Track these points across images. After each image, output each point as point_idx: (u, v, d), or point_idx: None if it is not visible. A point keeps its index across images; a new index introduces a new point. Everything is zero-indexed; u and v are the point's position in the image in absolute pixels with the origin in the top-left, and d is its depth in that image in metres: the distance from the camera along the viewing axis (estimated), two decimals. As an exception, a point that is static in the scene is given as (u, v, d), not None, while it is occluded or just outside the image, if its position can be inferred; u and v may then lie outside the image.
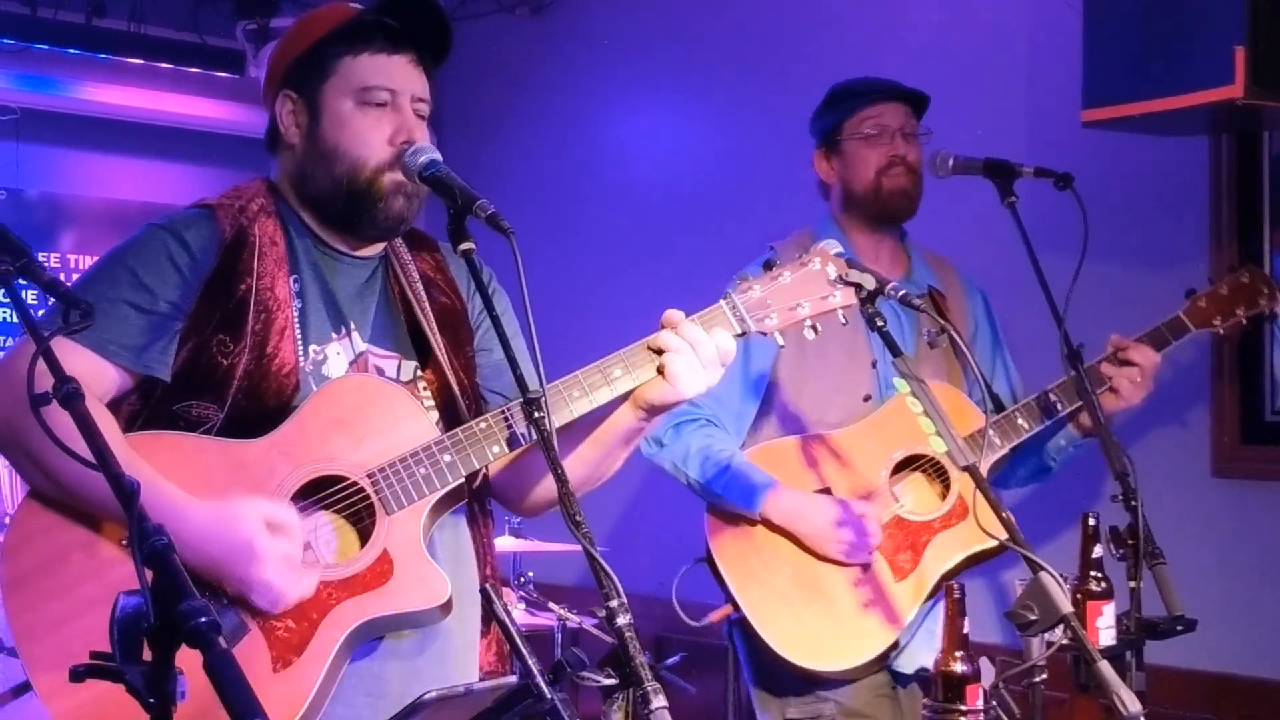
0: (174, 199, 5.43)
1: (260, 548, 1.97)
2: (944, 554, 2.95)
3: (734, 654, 3.18)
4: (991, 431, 2.93)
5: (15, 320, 5.29)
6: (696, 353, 2.08)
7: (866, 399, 3.10)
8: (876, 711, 3.03)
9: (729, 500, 3.01)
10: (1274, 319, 3.26)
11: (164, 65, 5.54)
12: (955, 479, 2.98)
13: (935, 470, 3.04)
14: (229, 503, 2.00)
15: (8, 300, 5.59)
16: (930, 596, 2.96)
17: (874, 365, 3.11)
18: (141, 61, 5.50)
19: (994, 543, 2.90)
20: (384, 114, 2.17)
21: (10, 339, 5.57)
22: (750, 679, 3.13)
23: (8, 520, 5.44)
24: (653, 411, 2.14)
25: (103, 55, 5.42)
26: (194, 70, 5.61)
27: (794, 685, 3.03)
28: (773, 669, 3.01)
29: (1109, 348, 3.02)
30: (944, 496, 3.00)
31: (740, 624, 3.01)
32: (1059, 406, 3.00)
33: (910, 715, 3.09)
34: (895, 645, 2.97)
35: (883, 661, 2.99)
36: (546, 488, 2.25)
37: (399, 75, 2.19)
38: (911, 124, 3.20)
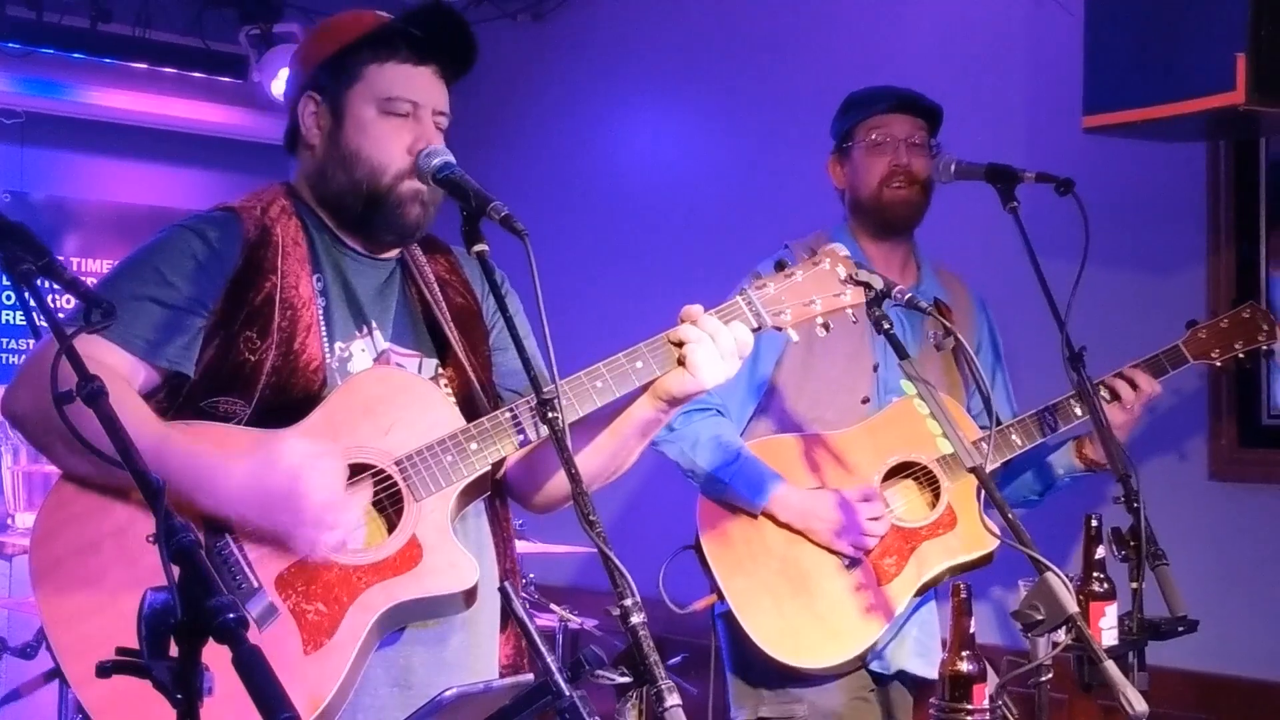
0: (178, 203, 5.45)
1: (306, 476, 1.98)
2: (929, 561, 2.97)
3: (716, 646, 3.18)
4: (984, 444, 2.94)
5: (23, 323, 5.29)
6: (716, 343, 2.12)
7: (865, 401, 3.13)
8: (852, 714, 3.04)
9: (734, 489, 3.01)
10: (1271, 355, 3.27)
11: (168, 70, 5.57)
12: (945, 489, 3.00)
13: (926, 479, 3.06)
14: (268, 445, 2.01)
15: (14, 303, 5.56)
16: (913, 600, 2.98)
17: (875, 369, 3.13)
18: (146, 66, 5.52)
19: (979, 554, 2.95)
20: (405, 124, 2.21)
21: (15, 341, 5.57)
22: (729, 668, 3.14)
23: (10, 520, 5.41)
24: (673, 402, 2.18)
25: (107, 60, 5.44)
26: (198, 75, 5.64)
27: (771, 679, 3.04)
28: (752, 661, 3.02)
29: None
30: (933, 506, 3.02)
31: (725, 615, 3.02)
32: (1055, 426, 3.02)
33: (898, 713, 3.11)
34: (873, 647, 2.99)
35: (859, 662, 3.00)
36: (560, 483, 2.28)
37: (422, 87, 2.24)
38: (920, 135, 3.20)
